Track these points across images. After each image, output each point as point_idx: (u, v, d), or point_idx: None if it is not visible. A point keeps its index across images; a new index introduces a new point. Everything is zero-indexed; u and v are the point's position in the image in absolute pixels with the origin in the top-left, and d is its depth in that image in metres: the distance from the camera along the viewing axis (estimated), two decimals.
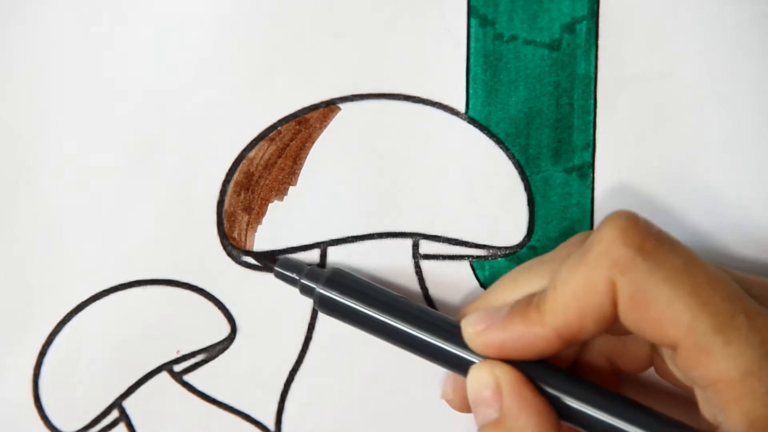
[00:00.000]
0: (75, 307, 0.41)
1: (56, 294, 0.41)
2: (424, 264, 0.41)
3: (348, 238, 0.41)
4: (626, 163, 0.41)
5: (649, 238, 0.33)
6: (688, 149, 0.41)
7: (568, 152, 0.41)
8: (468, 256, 0.41)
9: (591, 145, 0.41)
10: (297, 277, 0.40)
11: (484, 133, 0.41)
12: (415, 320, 0.38)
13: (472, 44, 0.40)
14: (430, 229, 0.41)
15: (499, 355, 0.35)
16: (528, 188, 0.41)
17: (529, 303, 0.35)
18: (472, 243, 0.41)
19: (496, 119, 0.40)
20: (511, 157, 0.41)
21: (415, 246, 0.41)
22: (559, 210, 0.41)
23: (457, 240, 0.41)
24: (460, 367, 0.37)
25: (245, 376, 0.42)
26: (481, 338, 0.36)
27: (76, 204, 0.41)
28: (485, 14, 0.40)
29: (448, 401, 0.40)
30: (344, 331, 0.42)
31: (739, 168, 0.40)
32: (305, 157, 0.41)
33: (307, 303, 0.42)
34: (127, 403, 0.42)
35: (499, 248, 0.41)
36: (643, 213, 0.40)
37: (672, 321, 0.32)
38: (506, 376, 0.35)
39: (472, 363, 0.36)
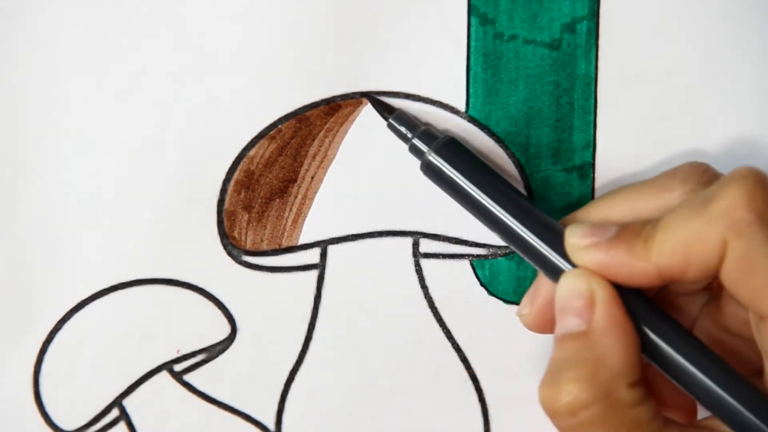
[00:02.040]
0: (75, 306, 0.41)
1: (56, 293, 0.41)
2: (425, 263, 0.41)
3: (348, 236, 0.41)
4: (626, 163, 0.41)
5: None
6: (688, 149, 0.41)
7: (568, 152, 0.41)
8: (468, 255, 0.41)
9: (591, 145, 0.41)
10: (410, 135, 0.39)
11: (484, 132, 0.41)
12: (517, 211, 0.37)
13: (473, 43, 0.40)
14: (431, 228, 0.41)
15: (599, 274, 0.35)
16: (528, 188, 0.41)
17: (638, 234, 0.34)
18: (473, 242, 0.41)
19: (496, 118, 0.40)
20: (511, 156, 0.41)
21: (416, 244, 0.41)
22: (559, 210, 0.41)
23: (457, 239, 0.41)
24: (552, 270, 0.36)
25: (245, 376, 0.42)
26: (584, 253, 0.35)
27: (76, 204, 0.41)
28: (485, 13, 0.40)
29: (521, 316, 0.39)
30: (344, 331, 0.42)
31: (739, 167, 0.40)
32: (306, 156, 0.41)
33: (308, 303, 0.42)
34: (127, 402, 0.42)
35: (499, 247, 0.41)
36: None
37: None
38: (603, 290, 0.34)
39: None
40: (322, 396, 0.42)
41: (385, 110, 0.40)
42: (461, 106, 0.40)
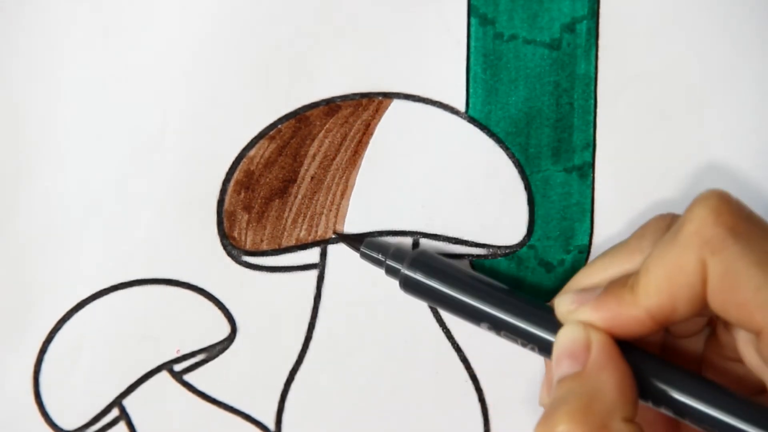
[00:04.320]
0: (75, 306, 0.41)
1: (57, 293, 0.41)
2: None
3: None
4: (626, 163, 0.41)
5: (741, 220, 0.33)
6: (688, 149, 0.41)
7: (568, 152, 0.41)
8: (468, 255, 0.41)
9: (591, 145, 0.41)
10: (383, 258, 0.40)
11: (484, 132, 0.41)
12: (502, 303, 0.38)
13: (472, 43, 0.40)
14: (430, 228, 0.41)
15: None
16: (528, 187, 0.41)
17: (624, 284, 0.35)
18: (472, 242, 0.41)
19: (496, 118, 0.40)
20: (511, 156, 0.41)
21: (416, 244, 0.41)
22: (559, 210, 0.41)
23: (457, 239, 0.41)
24: (547, 348, 0.37)
25: (245, 376, 0.42)
26: (575, 316, 0.36)
27: (76, 204, 0.41)
28: (485, 13, 0.40)
29: (544, 407, 0.39)
30: (344, 331, 0.42)
31: (739, 167, 0.40)
32: (305, 156, 0.41)
33: (308, 303, 0.42)
34: (127, 402, 0.42)
35: (499, 247, 0.41)
36: (643, 213, 0.41)
37: (760, 306, 0.32)
38: (598, 336, 0.35)
39: None
40: (322, 396, 0.42)
41: (355, 241, 0.41)
42: (461, 106, 0.40)
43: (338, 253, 0.41)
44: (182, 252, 0.41)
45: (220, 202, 0.41)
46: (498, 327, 0.38)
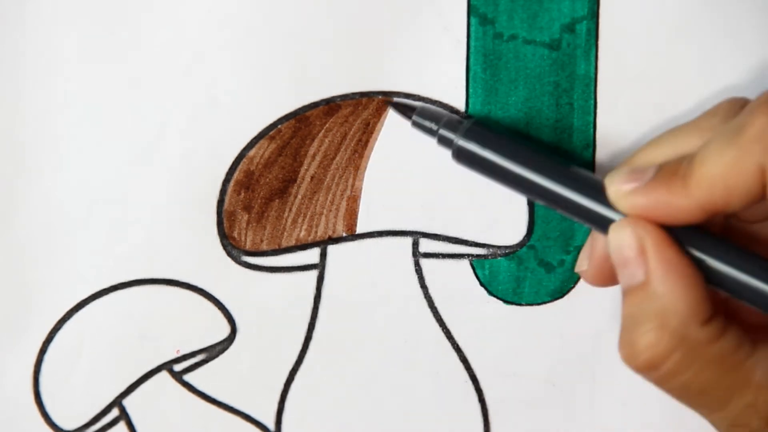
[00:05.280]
0: (75, 306, 0.41)
1: (56, 293, 0.41)
2: (424, 262, 0.41)
3: (348, 236, 0.41)
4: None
5: None
6: None
7: (567, 153, 0.41)
8: (468, 255, 0.41)
9: (591, 146, 0.41)
10: (435, 127, 0.39)
11: None
12: (555, 175, 0.37)
13: (472, 43, 0.40)
14: (430, 228, 0.41)
15: (644, 217, 0.35)
16: None
17: (675, 171, 0.34)
18: (472, 242, 0.41)
19: (495, 119, 0.40)
20: None
21: (415, 244, 0.41)
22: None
23: (457, 239, 0.41)
24: (602, 224, 0.36)
25: (245, 376, 0.42)
26: (626, 199, 0.35)
27: (76, 204, 0.41)
28: (485, 13, 0.40)
29: (582, 273, 0.39)
30: (344, 331, 0.42)
31: None
32: (305, 156, 0.41)
33: (307, 303, 0.42)
34: (127, 402, 0.42)
35: (499, 247, 0.41)
36: None
37: None
38: (650, 236, 0.34)
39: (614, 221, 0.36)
40: (322, 396, 0.42)
41: (408, 109, 0.40)
42: (461, 106, 0.40)
43: (338, 253, 0.41)
44: (182, 252, 0.41)
45: (220, 203, 0.41)
46: (553, 202, 0.37)
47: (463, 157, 0.38)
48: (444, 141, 0.39)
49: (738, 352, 0.33)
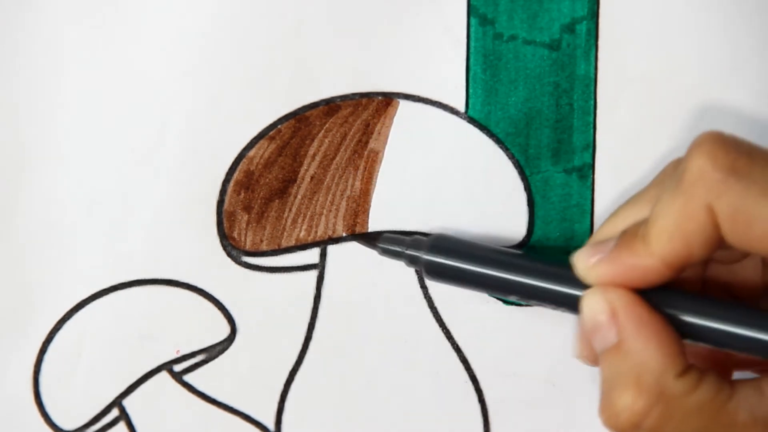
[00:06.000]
0: (75, 306, 0.41)
1: (57, 293, 0.41)
2: None
3: (348, 237, 0.41)
4: (626, 164, 0.41)
5: (739, 157, 0.33)
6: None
7: (568, 153, 0.41)
8: None
9: (591, 146, 0.41)
10: (402, 250, 0.39)
11: (483, 132, 0.41)
12: (524, 271, 0.37)
13: (472, 43, 0.40)
14: (430, 228, 0.41)
15: (614, 285, 0.35)
16: (528, 188, 0.41)
17: (635, 234, 0.35)
18: None
19: (495, 119, 0.40)
20: (511, 157, 0.41)
21: None
22: (559, 210, 0.41)
23: None
24: (577, 306, 0.36)
25: (245, 376, 0.42)
26: (593, 271, 0.35)
27: (76, 204, 0.41)
28: (485, 13, 0.40)
29: (582, 359, 0.39)
30: (344, 331, 0.42)
31: None
32: (305, 156, 0.41)
33: (307, 303, 0.42)
34: (127, 402, 0.42)
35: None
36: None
37: None
38: (620, 298, 0.35)
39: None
40: (322, 396, 0.42)
41: (372, 239, 0.41)
42: (461, 107, 0.40)
43: (338, 253, 0.41)
44: (182, 252, 0.41)
45: (220, 203, 0.41)
46: (527, 296, 0.38)
47: (432, 272, 0.39)
48: (412, 261, 0.39)
49: (717, 398, 0.34)
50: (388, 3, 0.40)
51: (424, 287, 0.42)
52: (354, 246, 0.41)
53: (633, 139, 0.41)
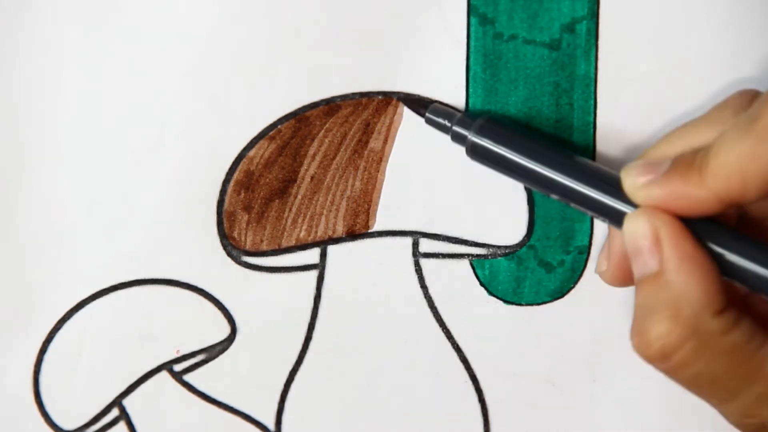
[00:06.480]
0: (75, 306, 0.42)
1: (57, 292, 0.41)
2: (424, 262, 0.42)
3: (348, 236, 0.41)
4: (626, 164, 0.41)
5: None
6: None
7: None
8: (468, 255, 0.41)
9: (591, 146, 0.41)
10: (448, 124, 0.39)
11: None
12: (569, 170, 0.37)
13: (472, 43, 0.40)
14: (430, 228, 0.41)
15: (660, 209, 0.35)
16: (528, 188, 0.41)
17: (691, 163, 0.34)
18: (472, 242, 0.41)
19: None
20: None
21: (415, 244, 0.41)
22: (559, 210, 0.41)
23: (457, 239, 0.41)
24: (618, 219, 0.36)
25: (245, 377, 0.42)
26: (642, 191, 0.35)
27: (76, 204, 0.41)
28: (485, 13, 0.40)
29: (601, 274, 0.39)
30: (344, 331, 0.42)
31: None
32: (305, 156, 0.41)
33: (307, 303, 0.42)
34: (127, 402, 0.42)
35: (499, 247, 0.41)
36: None
37: None
38: (665, 226, 0.34)
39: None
40: (322, 396, 0.42)
41: (420, 106, 0.40)
42: (461, 106, 0.40)
43: (338, 253, 0.42)
44: (182, 252, 0.41)
45: (220, 203, 0.41)
46: (568, 197, 0.37)
47: (477, 153, 0.38)
48: (457, 138, 0.39)
49: (750, 344, 0.33)
50: (389, 3, 0.40)
51: (424, 287, 0.42)
52: (354, 246, 0.41)
53: (633, 139, 0.41)
